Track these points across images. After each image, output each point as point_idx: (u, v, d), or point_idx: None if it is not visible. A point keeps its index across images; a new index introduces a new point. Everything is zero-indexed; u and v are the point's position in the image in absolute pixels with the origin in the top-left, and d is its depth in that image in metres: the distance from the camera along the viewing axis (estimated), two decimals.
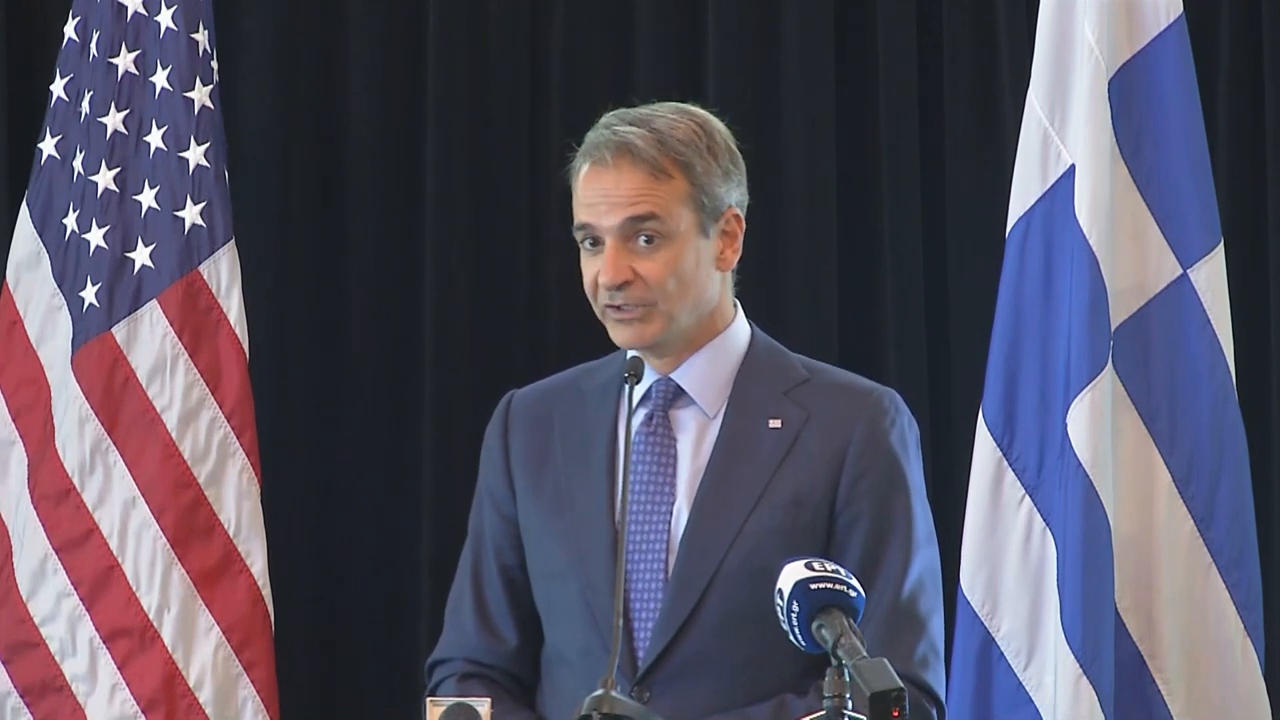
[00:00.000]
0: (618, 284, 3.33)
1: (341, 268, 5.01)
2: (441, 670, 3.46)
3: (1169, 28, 4.17)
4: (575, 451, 3.42)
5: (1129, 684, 4.08)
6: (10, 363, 4.59)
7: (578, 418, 3.45)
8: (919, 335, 5.02)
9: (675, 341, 3.40)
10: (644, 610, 3.33)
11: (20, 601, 4.48)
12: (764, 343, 3.48)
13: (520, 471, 3.45)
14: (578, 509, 3.38)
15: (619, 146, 3.35)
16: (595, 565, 3.34)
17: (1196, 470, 4.13)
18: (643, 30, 5.05)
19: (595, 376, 3.49)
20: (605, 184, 3.36)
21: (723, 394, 3.42)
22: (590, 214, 3.36)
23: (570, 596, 3.36)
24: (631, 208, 3.35)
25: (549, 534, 3.40)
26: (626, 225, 3.34)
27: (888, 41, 5.04)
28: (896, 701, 2.69)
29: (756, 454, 3.37)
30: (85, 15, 4.62)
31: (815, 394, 3.43)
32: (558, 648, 3.39)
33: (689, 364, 3.41)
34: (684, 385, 3.41)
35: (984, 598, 4.14)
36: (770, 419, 3.40)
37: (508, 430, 3.48)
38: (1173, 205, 4.16)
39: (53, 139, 4.62)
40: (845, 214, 5.03)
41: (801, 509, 3.35)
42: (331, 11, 5.04)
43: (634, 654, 3.31)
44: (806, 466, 3.37)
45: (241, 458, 4.52)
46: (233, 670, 4.47)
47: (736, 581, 3.32)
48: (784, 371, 3.45)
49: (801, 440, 3.38)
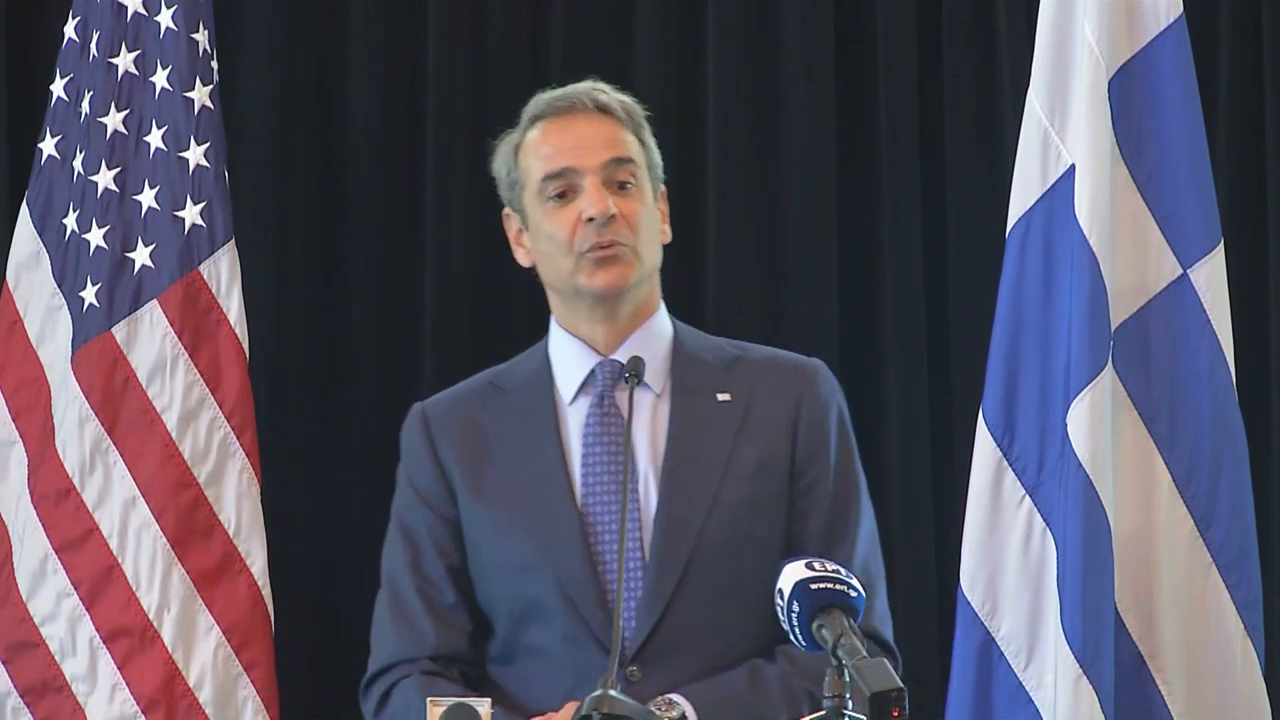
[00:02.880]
0: (609, 216, 3.33)
1: (341, 268, 5.01)
2: (393, 673, 3.42)
3: (1169, 28, 4.17)
4: (517, 449, 3.42)
5: (1129, 684, 4.08)
6: (10, 363, 4.59)
7: (509, 416, 3.45)
8: (919, 335, 5.02)
9: (627, 307, 3.42)
10: (626, 590, 3.34)
11: (20, 601, 4.48)
12: (683, 326, 3.52)
13: (459, 474, 3.44)
14: (535, 503, 3.38)
15: (586, 99, 3.41)
16: (567, 555, 3.35)
17: (1196, 470, 4.13)
18: (642, 30, 5.05)
19: (513, 376, 3.51)
20: (579, 131, 3.39)
21: (663, 372, 3.43)
22: (569, 158, 3.37)
23: (544, 588, 3.35)
24: (613, 149, 3.39)
25: (507, 530, 3.39)
26: (610, 166, 3.38)
27: (888, 41, 5.04)
28: (896, 701, 2.69)
29: (713, 427, 3.40)
30: (85, 15, 4.62)
31: (753, 368, 3.47)
32: (528, 641, 3.38)
33: (629, 344, 3.43)
34: (628, 364, 3.41)
35: (984, 598, 4.13)
36: (718, 393, 3.42)
37: (432, 439, 3.48)
38: (1173, 205, 4.16)
39: (53, 139, 4.62)
40: (845, 213, 5.04)
41: (767, 477, 3.40)
42: (331, 11, 5.04)
43: (621, 637, 3.31)
44: (763, 436, 3.41)
45: (241, 458, 4.52)
46: (233, 670, 4.47)
47: (715, 554, 3.36)
48: (714, 350, 3.49)
49: (752, 411, 3.42)
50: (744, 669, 3.35)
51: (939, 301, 5.03)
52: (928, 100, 5.07)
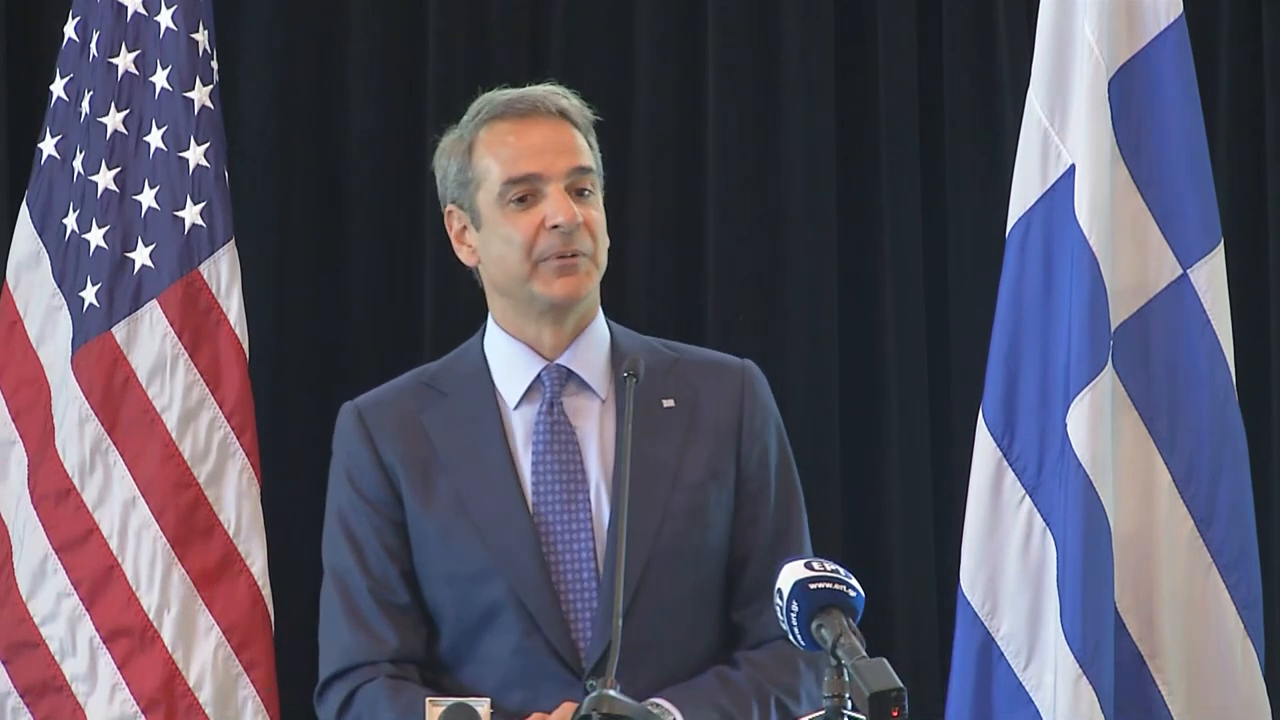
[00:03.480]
0: (576, 224, 3.32)
1: (341, 268, 5.01)
2: (354, 676, 3.35)
3: (1169, 28, 4.17)
4: (463, 454, 3.36)
5: (1129, 684, 4.08)
6: (10, 363, 4.59)
7: (452, 420, 3.38)
8: (919, 335, 5.02)
9: (575, 314, 3.38)
10: (579, 600, 3.31)
11: (20, 601, 4.48)
12: (616, 326, 3.47)
13: (404, 477, 3.36)
14: (486, 510, 3.32)
15: (547, 102, 3.38)
16: (522, 563, 3.29)
17: (1196, 470, 4.13)
18: (643, 30, 5.05)
19: (450, 376, 3.43)
20: (543, 134, 3.35)
21: (606, 377, 3.40)
22: (534, 163, 3.33)
23: (496, 597, 3.30)
24: (576, 157, 3.36)
25: (457, 537, 3.33)
26: (575, 174, 3.34)
27: (888, 42, 5.05)
28: (896, 702, 2.68)
29: (660, 434, 3.36)
30: (85, 15, 4.62)
31: (691, 371, 3.44)
32: (478, 648, 3.33)
33: (573, 349, 3.39)
34: (575, 369, 3.38)
35: (984, 598, 4.14)
36: (663, 399, 3.39)
37: (371, 438, 3.40)
38: (1173, 205, 4.16)
39: (53, 139, 4.62)
40: (845, 213, 5.04)
41: (716, 484, 3.37)
42: (331, 11, 5.04)
43: (574, 645, 3.29)
44: (709, 442, 3.38)
45: (241, 458, 4.52)
46: (233, 670, 4.47)
47: (669, 563, 3.32)
48: (653, 353, 3.44)
49: (696, 416, 3.39)
50: (710, 675, 3.32)
51: (939, 301, 5.03)
52: (928, 100, 5.07)
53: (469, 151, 3.39)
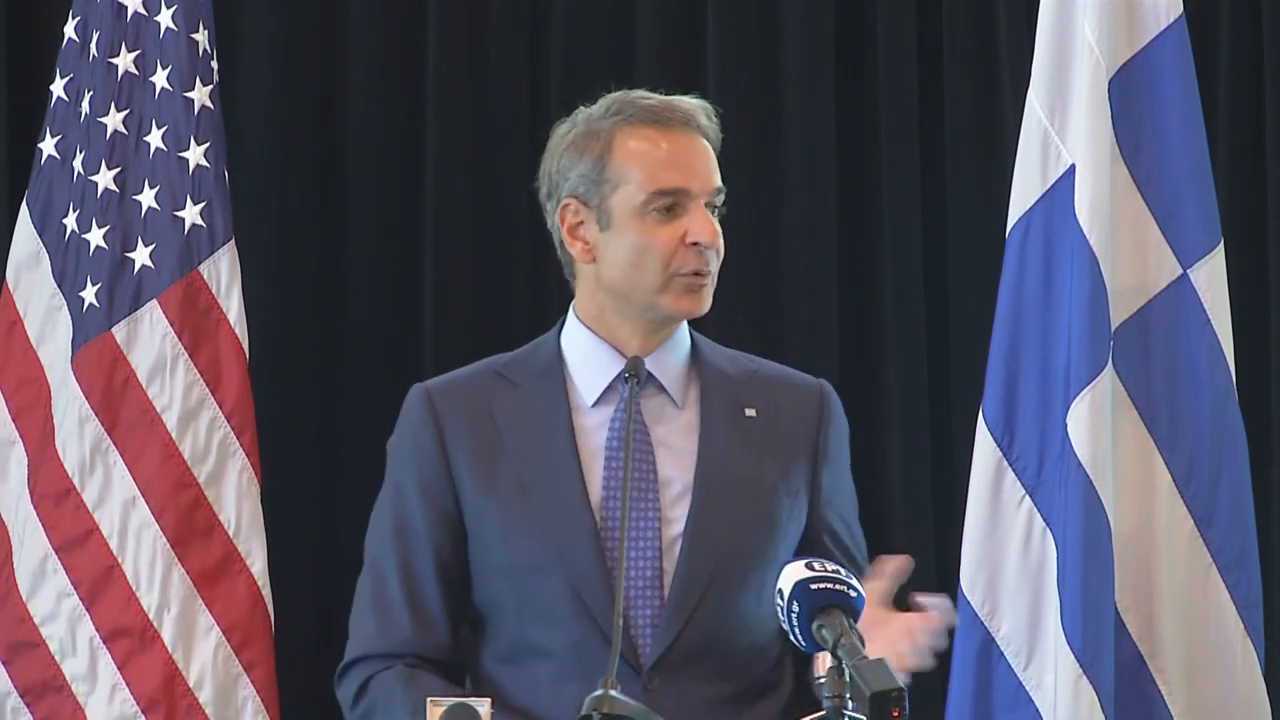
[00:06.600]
0: (716, 244, 3.33)
1: (341, 268, 5.01)
2: (372, 664, 3.36)
3: (1169, 28, 4.17)
4: (530, 446, 3.35)
5: (1129, 684, 4.08)
6: (10, 363, 4.59)
7: (522, 412, 3.38)
8: (919, 335, 5.02)
9: (674, 323, 3.41)
10: (641, 600, 3.31)
11: (20, 601, 4.48)
12: (698, 335, 3.48)
13: (467, 462, 3.35)
14: (548, 503, 3.32)
15: (698, 116, 3.38)
16: (581, 558, 3.30)
17: (1196, 470, 4.13)
18: (643, 30, 5.05)
19: (523, 367, 3.43)
20: (692, 148, 3.36)
21: (684, 383, 3.40)
22: (685, 179, 3.32)
23: (553, 590, 3.30)
24: (717, 177, 3.37)
25: (517, 527, 3.32)
26: (716, 194, 3.36)
27: (888, 41, 5.05)
28: (896, 701, 2.69)
29: (742, 442, 3.37)
30: (85, 15, 4.62)
31: (771, 384, 3.45)
32: (535, 642, 3.33)
33: (658, 354, 3.39)
34: (655, 373, 3.38)
35: (984, 598, 4.14)
36: (745, 408, 3.40)
37: (439, 420, 3.38)
38: (1173, 205, 4.17)
39: (53, 139, 4.62)
40: (845, 212, 5.04)
41: (791, 497, 3.38)
42: (331, 11, 5.04)
43: (635, 646, 3.29)
44: (788, 455, 3.39)
45: (241, 458, 4.52)
46: (233, 670, 4.47)
47: (739, 571, 3.32)
48: (733, 362, 3.46)
49: (776, 429, 3.40)
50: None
51: (939, 301, 5.03)
52: (928, 100, 5.08)
53: (607, 150, 3.36)
